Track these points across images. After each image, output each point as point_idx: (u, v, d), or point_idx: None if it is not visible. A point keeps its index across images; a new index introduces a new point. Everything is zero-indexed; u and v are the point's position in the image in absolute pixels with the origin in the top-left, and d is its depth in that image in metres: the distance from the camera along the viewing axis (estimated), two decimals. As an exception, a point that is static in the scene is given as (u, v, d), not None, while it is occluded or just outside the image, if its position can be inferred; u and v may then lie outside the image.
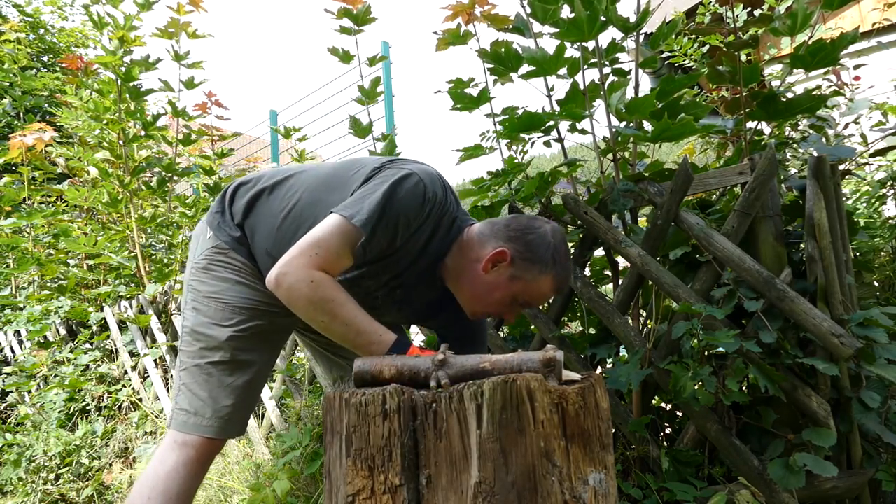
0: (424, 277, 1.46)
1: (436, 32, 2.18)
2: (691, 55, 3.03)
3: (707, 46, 3.07)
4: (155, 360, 3.53)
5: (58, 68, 7.27)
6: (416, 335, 2.56)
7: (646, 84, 6.24)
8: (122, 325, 3.89)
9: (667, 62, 3.24)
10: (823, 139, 2.06)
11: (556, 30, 1.74)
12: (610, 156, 1.87)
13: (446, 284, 1.46)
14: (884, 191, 2.42)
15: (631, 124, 1.82)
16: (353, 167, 1.42)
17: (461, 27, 2.16)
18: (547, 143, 2.06)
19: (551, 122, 1.87)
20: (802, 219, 1.66)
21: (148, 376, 3.60)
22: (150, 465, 1.47)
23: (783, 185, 1.82)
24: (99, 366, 3.78)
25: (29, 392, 4.09)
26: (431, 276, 1.46)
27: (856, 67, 2.67)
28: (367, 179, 1.34)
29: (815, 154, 1.64)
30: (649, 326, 1.77)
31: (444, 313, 1.61)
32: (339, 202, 1.32)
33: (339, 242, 1.25)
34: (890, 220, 2.36)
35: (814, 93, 1.70)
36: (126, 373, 3.72)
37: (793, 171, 2.01)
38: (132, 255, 3.94)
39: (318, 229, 1.27)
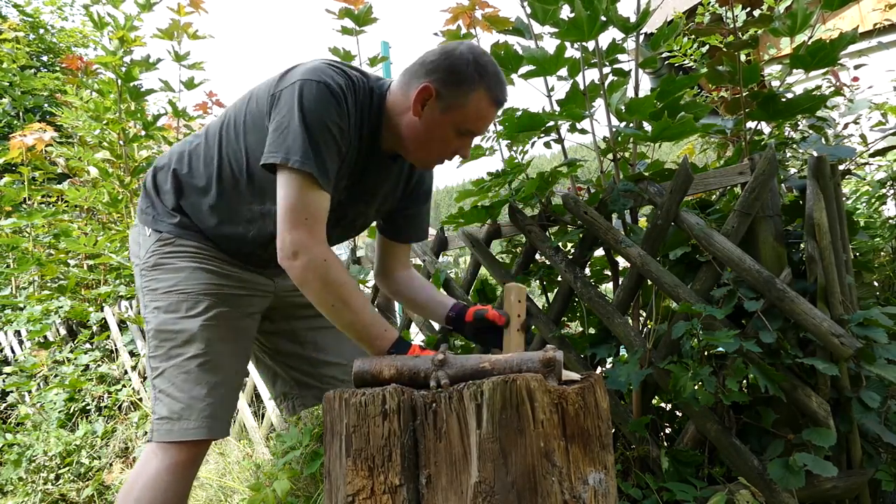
0: (373, 161, 1.43)
1: (436, 34, 2.18)
2: (691, 55, 3.03)
3: (707, 47, 3.07)
4: (155, 360, 3.52)
5: (58, 68, 7.27)
6: (417, 335, 2.56)
7: (646, 84, 6.24)
8: (122, 324, 3.89)
9: (667, 62, 3.24)
10: (823, 139, 2.06)
11: (556, 30, 1.74)
12: (610, 156, 1.87)
13: (395, 153, 1.43)
14: (884, 191, 2.42)
15: (631, 124, 1.82)
16: (249, 103, 1.38)
17: (461, 29, 2.16)
18: (547, 144, 2.06)
19: (551, 123, 1.87)
20: (802, 219, 1.66)
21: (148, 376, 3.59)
22: (132, 476, 1.40)
23: (783, 185, 1.82)
24: (99, 366, 3.78)
25: (29, 392, 4.09)
26: (378, 156, 1.43)
27: (856, 68, 2.67)
28: (270, 110, 1.29)
29: (815, 154, 1.64)
30: (649, 326, 1.77)
31: (404, 199, 1.59)
32: (258, 141, 1.31)
33: (312, 193, 1.23)
34: (890, 220, 2.36)
35: (813, 93, 1.70)
36: (126, 373, 3.72)
37: (793, 171, 2.01)
38: (132, 255, 3.93)
39: (287, 195, 1.23)
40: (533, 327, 1.94)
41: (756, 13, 2.00)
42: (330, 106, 1.25)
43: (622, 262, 1.93)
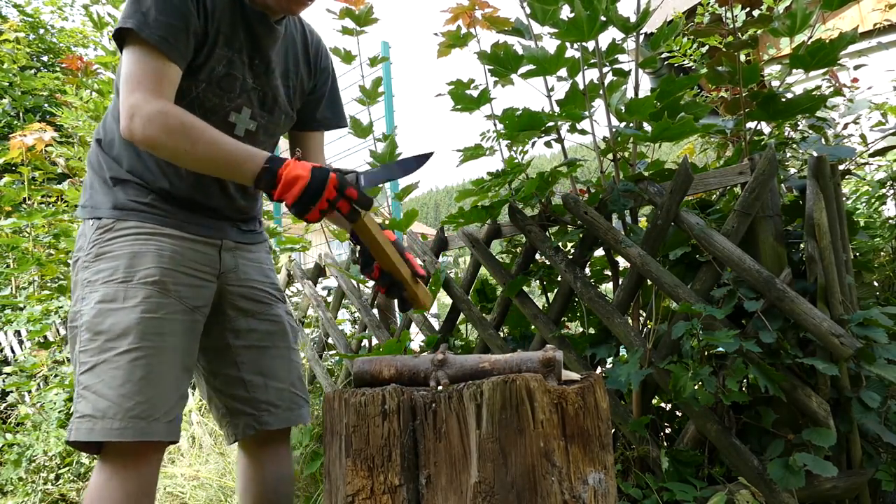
0: (250, 23, 1.39)
1: (436, 34, 2.18)
2: (691, 55, 3.03)
3: (706, 47, 3.07)
4: (155, 360, 3.53)
5: (58, 68, 7.27)
6: (417, 335, 2.56)
7: (646, 84, 6.24)
8: (122, 325, 3.88)
9: (667, 62, 3.24)
10: (823, 139, 2.06)
11: (556, 30, 1.74)
12: (610, 156, 1.87)
13: (267, 8, 1.39)
14: (884, 191, 2.42)
15: (631, 124, 1.82)
16: None
17: (461, 30, 2.16)
18: (547, 144, 2.06)
19: (551, 123, 1.87)
20: (802, 219, 1.66)
21: (148, 376, 3.59)
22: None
23: (783, 185, 1.82)
24: (99, 366, 3.77)
25: (29, 392, 4.09)
26: (256, 17, 1.39)
27: (856, 68, 2.67)
28: None
29: (815, 154, 1.64)
30: (649, 326, 1.77)
31: (311, 77, 1.58)
32: None
33: (146, 58, 1.21)
34: (890, 220, 2.36)
35: (813, 93, 1.70)
36: (126, 373, 3.71)
37: (793, 171, 2.01)
38: (132, 255, 3.93)
39: (123, 69, 1.22)
40: (533, 327, 1.94)
41: (755, 13, 2.01)
42: None
43: (622, 262, 1.93)
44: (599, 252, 2.01)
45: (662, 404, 1.87)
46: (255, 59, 1.43)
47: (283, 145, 1.75)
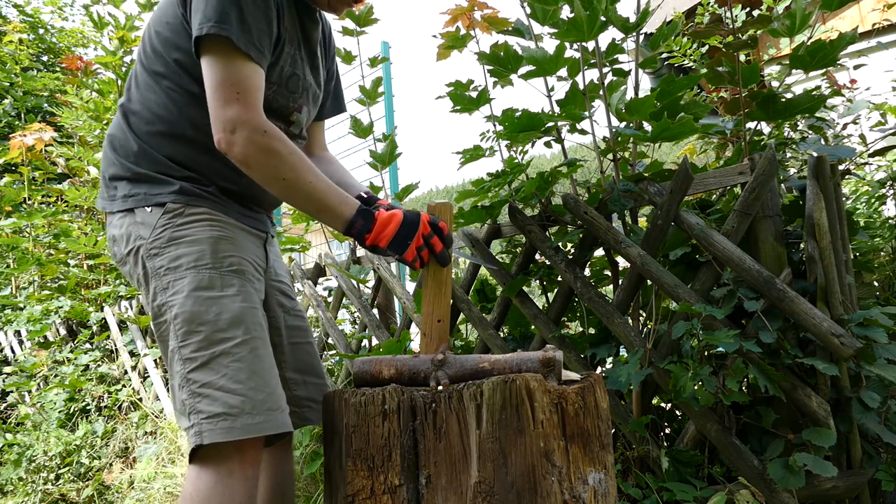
0: (306, 16, 1.38)
1: (435, 36, 2.18)
2: (691, 56, 3.03)
3: (706, 47, 3.07)
4: (155, 360, 3.54)
5: (58, 68, 7.27)
6: (417, 335, 2.56)
7: (646, 84, 6.24)
8: (122, 324, 3.89)
9: (666, 62, 3.24)
10: (822, 139, 2.06)
11: (556, 31, 1.74)
12: (610, 156, 1.87)
13: (314, 2, 1.38)
14: (883, 191, 2.42)
15: (631, 124, 1.82)
16: (162, 14, 1.28)
17: (460, 31, 2.16)
18: (547, 144, 2.06)
19: (551, 123, 1.87)
20: (802, 219, 1.66)
21: (148, 376, 3.60)
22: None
23: (783, 185, 1.82)
24: (99, 366, 3.78)
25: (29, 392, 4.09)
26: (307, 8, 1.38)
27: (855, 68, 2.67)
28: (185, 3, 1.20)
29: (815, 154, 1.64)
30: (649, 326, 1.77)
31: (327, 63, 1.55)
32: (185, 49, 1.21)
33: (238, 64, 1.14)
34: (890, 220, 2.36)
35: (813, 93, 1.70)
36: (126, 373, 3.72)
37: (793, 171, 2.01)
38: (132, 255, 3.93)
39: (212, 73, 1.15)
40: (533, 327, 1.94)
41: (755, 13, 2.01)
42: None
43: (622, 262, 1.93)
44: (599, 252, 2.01)
45: (662, 404, 1.87)
46: (307, 55, 1.39)
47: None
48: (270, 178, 1.17)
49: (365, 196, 1.44)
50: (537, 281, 2.17)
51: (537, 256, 2.06)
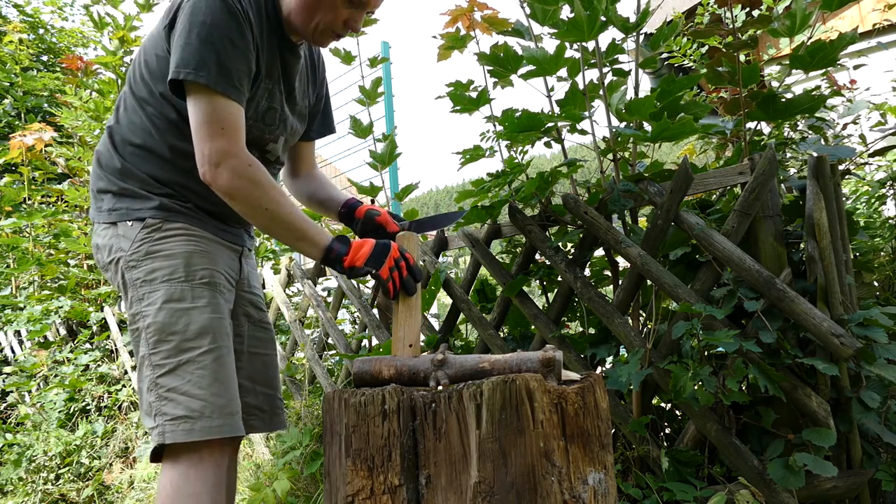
0: (287, 53, 1.43)
1: (435, 36, 2.18)
2: (691, 56, 3.04)
3: (706, 47, 3.07)
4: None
5: (58, 68, 7.27)
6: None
7: (646, 84, 6.24)
8: (122, 324, 3.89)
9: (667, 62, 3.24)
10: (822, 139, 2.06)
11: (556, 31, 1.74)
12: (610, 156, 1.87)
13: (298, 36, 1.42)
14: (883, 191, 2.42)
15: (631, 124, 1.82)
16: (150, 44, 1.35)
17: (460, 31, 2.16)
18: (547, 144, 2.06)
19: (551, 124, 1.87)
20: (802, 219, 1.66)
21: (148, 376, 3.59)
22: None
23: (783, 185, 1.82)
24: (99, 366, 3.78)
25: (29, 392, 4.09)
26: (290, 47, 1.43)
27: (855, 68, 2.67)
28: (172, 29, 1.27)
29: (815, 154, 1.64)
30: (649, 326, 1.77)
31: (315, 88, 1.62)
32: (160, 67, 1.29)
33: (219, 102, 1.22)
34: (890, 220, 2.36)
35: (813, 93, 1.70)
36: (126, 373, 3.72)
37: (793, 171, 2.01)
38: (132, 255, 3.93)
39: (195, 111, 1.22)
40: (533, 327, 1.94)
41: (755, 13, 2.01)
42: (224, 14, 1.23)
43: (622, 262, 1.93)
44: (599, 252, 2.01)
45: (662, 404, 1.87)
46: (285, 88, 1.46)
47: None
48: (252, 210, 1.25)
49: (344, 211, 1.56)
50: (537, 281, 2.17)
51: (537, 256, 2.06)
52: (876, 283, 2.24)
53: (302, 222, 1.28)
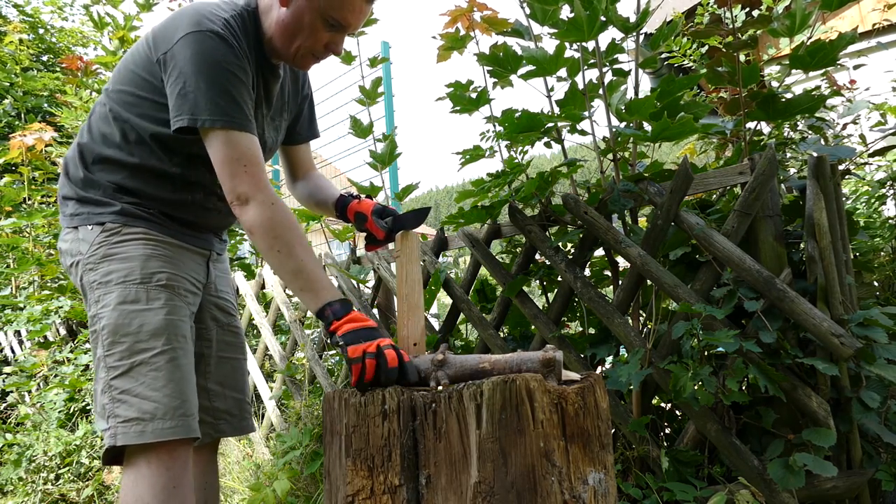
0: (271, 76, 1.46)
1: (435, 37, 2.18)
2: (690, 56, 3.04)
3: (706, 47, 3.07)
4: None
5: (58, 68, 7.27)
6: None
7: (646, 84, 6.24)
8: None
9: (666, 62, 3.24)
10: (822, 139, 2.06)
11: (556, 31, 1.74)
12: (610, 156, 1.87)
13: (279, 58, 1.43)
14: (883, 191, 2.42)
15: (631, 124, 1.82)
16: (132, 63, 1.35)
17: (460, 32, 2.16)
18: (547, 144, 2.06)
19: (551, 124, 1.87)
20: (802, 219, 1.66)
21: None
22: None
23: (783, 185, 1.82)
24: (99, 366, 3.77)
25: (29, 392, 4.09)
26: (272, 70, 1.46)
27: (855, 68, 2.67)
28: (163, 76, 1.28)
29: (815, 154, 1.64)
30: (649, 326, 1.77)
31: (300, 102, 1.65)
32: (149, 101, 1.31)
33: (236, 138, 1.25)
34: (890, 220, 2.36)
35: (813, 93, 1.70)
36: (126, 373, 3.71)
37: (793, 171, 2.01)
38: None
39: (216, 152, 1.25)
40: (533, 327, 1.94)
41: (755, 13, 2.01)
42: (223, 50, 1.25)
43: (622, 262, 1.93)
44: (599, 252, 2.01)
45: (662, 404, 1.87)
46: (266, 109, 1.48)
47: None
48: (267, 248, 1.26)
49: (337, 208, 1.58)
50: (537, 281, 2.17)
51: (537, 256, 2.06)
52: (876, 283, 2.24)
53: (310, 273, 1.25)
